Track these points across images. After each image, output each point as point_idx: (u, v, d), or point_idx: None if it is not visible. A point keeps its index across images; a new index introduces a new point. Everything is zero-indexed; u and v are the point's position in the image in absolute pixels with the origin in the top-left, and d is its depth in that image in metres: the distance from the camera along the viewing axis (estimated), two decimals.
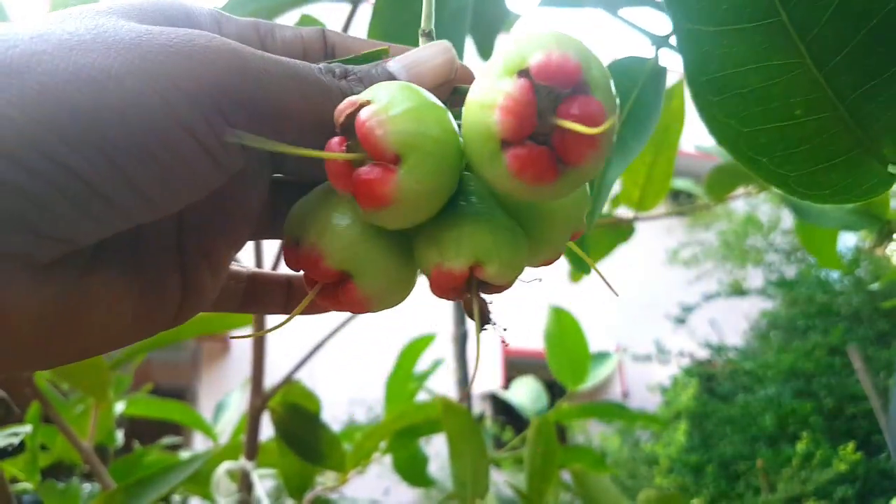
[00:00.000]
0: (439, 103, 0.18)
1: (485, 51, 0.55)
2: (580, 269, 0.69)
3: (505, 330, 0.21)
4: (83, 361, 0.53)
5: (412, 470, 0.83)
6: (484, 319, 0.20)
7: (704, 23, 0.18)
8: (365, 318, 0.64)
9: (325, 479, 0.78)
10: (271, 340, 0.58)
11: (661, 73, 0.34)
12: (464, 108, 0.18)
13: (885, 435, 3.26)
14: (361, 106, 0.17)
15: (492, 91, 0.17)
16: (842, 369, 3.92)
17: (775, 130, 0.19)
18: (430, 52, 0.20)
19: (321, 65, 0.19)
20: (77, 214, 0.15)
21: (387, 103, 0.17)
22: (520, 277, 0.21)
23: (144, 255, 0.20)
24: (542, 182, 0.17)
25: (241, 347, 6.40)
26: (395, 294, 0.20)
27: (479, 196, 0.20)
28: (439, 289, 0.19)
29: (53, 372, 0.50)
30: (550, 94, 0.17)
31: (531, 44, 0.16)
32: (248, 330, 0.62)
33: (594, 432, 4.26)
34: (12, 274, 0.15)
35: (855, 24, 0.17)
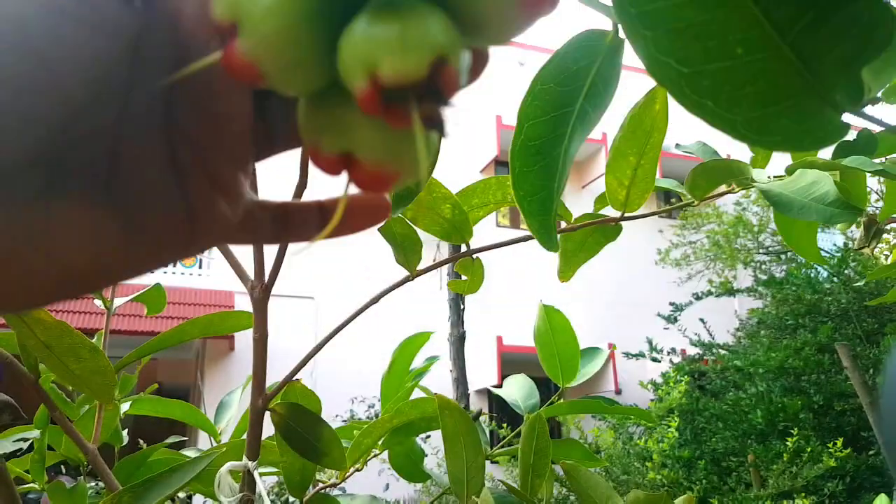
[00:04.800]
0: None
1: None
2: (568, 268, 0.71)
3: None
4: (89, 367, 0.55)
5: (408, 465, 0.85)
6: (440, 126, 0.15)
7: None
8: (365, 318, 0.66)
9: (324, 476, 0.80)
10: (272, 340, 0.60)
11: (619, 45, 0.34)
12: None
13: (874, 431, 3.30)
14: None
15: None
16: (830, 367, 3.97)
17: (718, 72, 0.17)
18: None
19: None
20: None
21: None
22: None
23: (129, 177, 0.19)
24: (540, 11, 0.15)
25: (244, 346, 6.40)
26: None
27: None
28: (381, 110, 0.15)
29: (59, 376, 0.52)
30: None
31: None
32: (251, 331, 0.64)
33: (587, 428, 4.29)
34: None
35: None
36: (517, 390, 0.95)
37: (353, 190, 0.18)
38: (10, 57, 0.15)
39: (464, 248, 0.71)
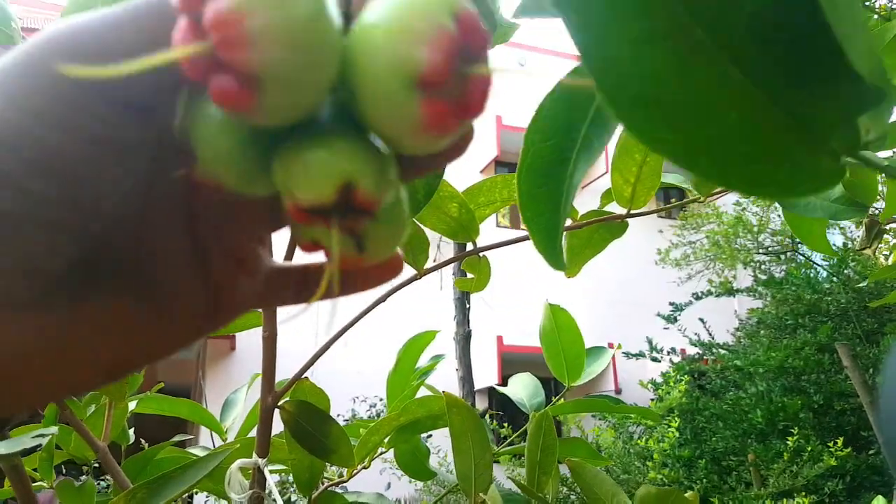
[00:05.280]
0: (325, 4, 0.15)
1: None
2: (574, 264, 0.71)
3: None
4: None
5: (414, 463, 0.85)
6: (358, 239, 0.17)
7: (616, 49, 0.17)
8: (365, 317, 0.66)
9: (330, 475, 0.80)
10: (278, 340, 0.60)
11: None
12: (359, 29, 0.15)
13: (874, 430, 3.31)
14: None
15: (421, 21, 0.15)
16: (830, 366, 3.98)
17: (712, 135, 0.18)
18: None
19: None
20: (29, 244, 0.15)
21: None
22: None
23: (155, 269, 0.19)
24: (447, 136, 0.16)
25: (245, 346, 6.40)
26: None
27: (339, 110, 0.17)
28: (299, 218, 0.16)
29: None
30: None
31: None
32: (255, 330, 0.64)
33: (588, 427, 4.29)
34: None
35: (769, 37, 0.17)
36: (522, 389, 0.95)
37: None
38: (41, 182, 0.15)
39: (470, 247, 0.71)
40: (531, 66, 8.12)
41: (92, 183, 0.16)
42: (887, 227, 0.80)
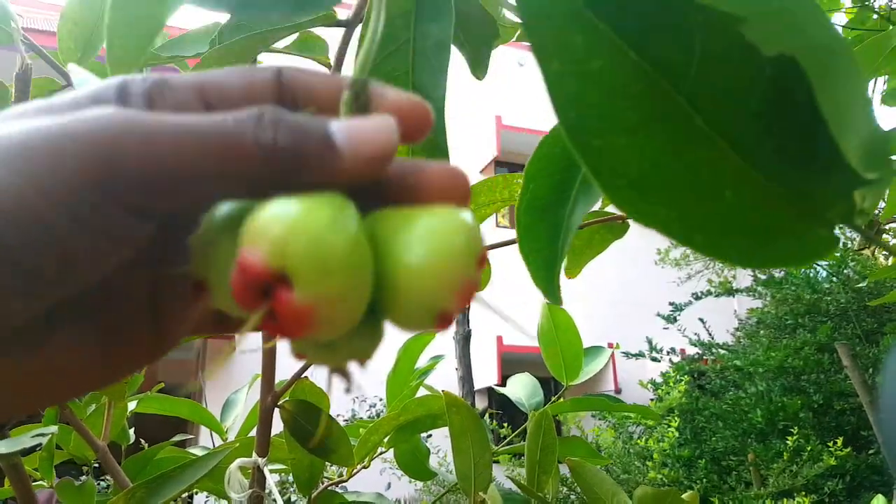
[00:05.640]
0: (365, 261, 0.17)
1: (477, 65, 0.55)
2: (575, 265, 0.71)
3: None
4: None
5: (414, 463, 0.85)
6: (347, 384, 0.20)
7: (610, 138, 0.17)
8: None
9: (329, 474, 0.80)
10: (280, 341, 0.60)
11: None
12: (393, 262, 0.17)
13: (874, 430, 3.31)
14: (276, 277, 0.15)
15: (453, 275, 0.17)
16: (830, 366, 3.98)
17: (708, 213, 0.18)
18: (374, 125, 0.18)
19: (249, 111, 0.17)
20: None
21: (316, 296, 0.15)
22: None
23: (114, 308, 0.20)
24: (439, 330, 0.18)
25: (245, 346, 6.40)
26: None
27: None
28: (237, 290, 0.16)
29: None
30: None
31: (471, 234, 0.18)
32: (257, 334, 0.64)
33: (588, 427, 4.30)
34: None
35: (770, 127, 0.17)
36: (521, 389, 0.95)
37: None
38: (29, 254, 0.15)
39: None
40: (531, 65, 8.11)
41: (80, 262, 0.16)
42: (887, 227, 0.80)
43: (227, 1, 0.22)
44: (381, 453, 0.80)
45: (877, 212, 0.86)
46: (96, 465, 0.75)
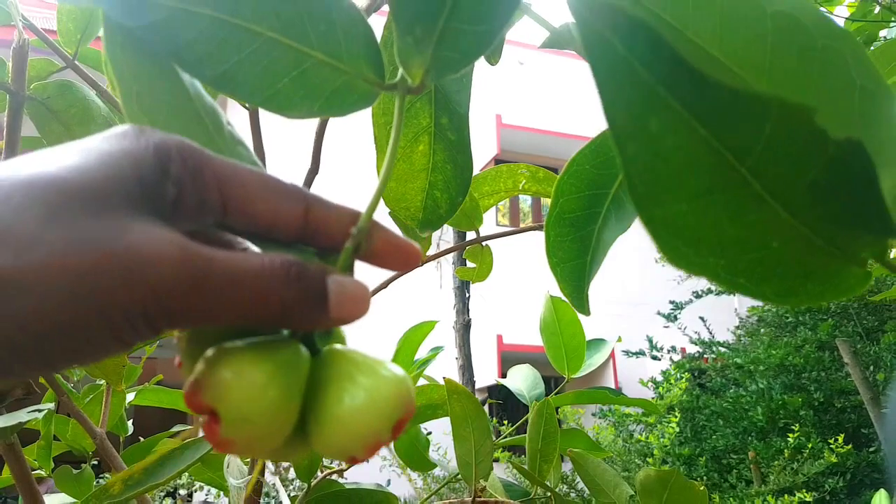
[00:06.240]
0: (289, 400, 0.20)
1: (491, 52, 0.55)
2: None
3: None
4: None
5: (414, 455, 0.85)
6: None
7: (674, 205, 0.18)
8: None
9: (330, 464, 0.80)
10: None
11: None
12: (322, 407, 0.21)
13: (875, 428, 3.31)
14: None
15: (367, 434, 0.21)
16: (831, 364, 3.98)
17: (753, 260, 0.19)
18: (361, 294, 0.21)
19: (279, 261, 0.20)
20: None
21: (236, 435, 0.19)
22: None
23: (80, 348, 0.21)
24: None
25: None
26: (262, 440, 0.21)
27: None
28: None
29: None
30: None
31: (402, 400, 0.21)
32: None
33: (588, 425, 4.29)
34: None
35: (825, 196, 0.18)
36: (522, 381, 0.95)
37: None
38: (17, 333, 0.16)
39: (472, 236, 0.71)
40: (531, 64, 8.11)
41: (82, 352, 0.17)
42: None
43: (201, 73, 0.24)
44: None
45: None
46: (95, 461, 0.75)
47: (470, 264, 0.80)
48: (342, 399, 0.21)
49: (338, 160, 5.04)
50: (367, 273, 0.26)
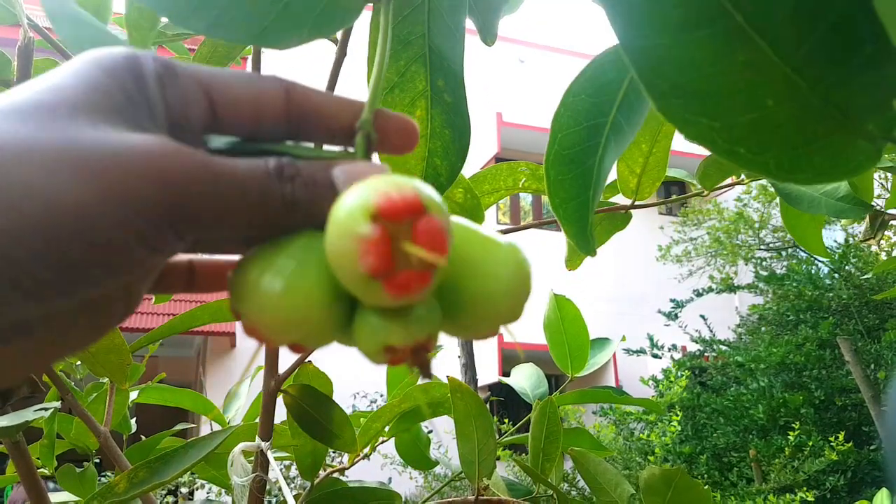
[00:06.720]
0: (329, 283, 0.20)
1: (486, 31, 0.55)
2: (577, 256, 0.71)
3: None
4: (104, 345, 0.55)
5: (415, 453, 0.85)
6: (426, 373, 0.21)
7: (655, 37, 0.17)
8: None
9: (332, 462, 0.80)
10: None
11: None
12: (327, 249, 0.19)
13: (876, 425, 3.31)
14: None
15: (343, 240, 0.18)
16: (831, 362, 3.98)
17: (749, 122, 0.18)
18: (370, 171, 0.21)
19: (273, 163, 0.20)
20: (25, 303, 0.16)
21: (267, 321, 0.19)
22: None
23: (88, 308, 0.20)
24: (421, 291, 0.18)
25: (246, 346, 6.40)
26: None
27: None
28: (390, 362, 0.20)
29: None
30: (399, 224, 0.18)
31: (371, 191, 0.18)
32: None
33: (589, 424, 4.29)
34: None
35: (812, 21, 0.17)
36: (525, 379, 0.95)
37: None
38: (43, 269, 0.16)
39: None
40: (531, 62, 8.10)
41: (121, 268, 0.18)
42: (890, 221, 0.80)
43: (195, 25, 0.24)
44: (381, 442, 0.79)
45: (881, 202, 0.85)
46: (97, 459, 0.75)
47: None
48: (501, 275, 0.20)
49: None
50: None
